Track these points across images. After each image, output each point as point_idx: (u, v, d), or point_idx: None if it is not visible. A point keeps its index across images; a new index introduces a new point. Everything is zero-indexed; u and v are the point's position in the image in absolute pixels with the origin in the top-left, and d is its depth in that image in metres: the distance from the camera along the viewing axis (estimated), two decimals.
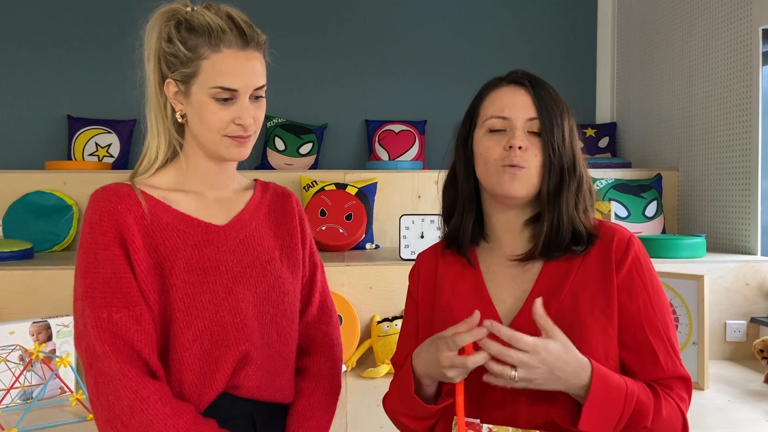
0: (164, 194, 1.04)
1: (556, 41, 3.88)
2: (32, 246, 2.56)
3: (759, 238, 2.48)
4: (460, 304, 1.04)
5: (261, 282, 1.05)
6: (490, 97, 1.05)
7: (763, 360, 2.03)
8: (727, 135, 2.68)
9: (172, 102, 1.02)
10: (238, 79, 0.98)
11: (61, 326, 1.98)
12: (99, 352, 0.92)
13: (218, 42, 0.97)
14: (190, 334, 0.98)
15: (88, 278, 0.95)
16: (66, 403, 1.87)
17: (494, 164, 1.00)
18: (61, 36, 3.64)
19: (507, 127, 1.01)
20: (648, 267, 1.02)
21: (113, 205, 0.98)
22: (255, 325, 1.03)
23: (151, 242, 0.98)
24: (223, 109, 0.99)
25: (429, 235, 2.42)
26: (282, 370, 1.08)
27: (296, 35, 3.77)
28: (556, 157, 1.00)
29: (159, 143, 1.04)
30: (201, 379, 0.98)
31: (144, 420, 0.91)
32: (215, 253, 1.02)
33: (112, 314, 0.93)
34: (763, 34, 2.46)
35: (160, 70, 1.02)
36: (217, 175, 1.08)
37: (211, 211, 1.06)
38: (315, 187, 2.91)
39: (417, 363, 0.97)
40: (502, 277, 1.05)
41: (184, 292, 0.98)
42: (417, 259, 1.16)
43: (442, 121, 3.83)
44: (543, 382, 0.89)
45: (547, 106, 1.01)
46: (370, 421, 1.74)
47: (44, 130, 3.60)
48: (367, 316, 2.31)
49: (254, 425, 1.05)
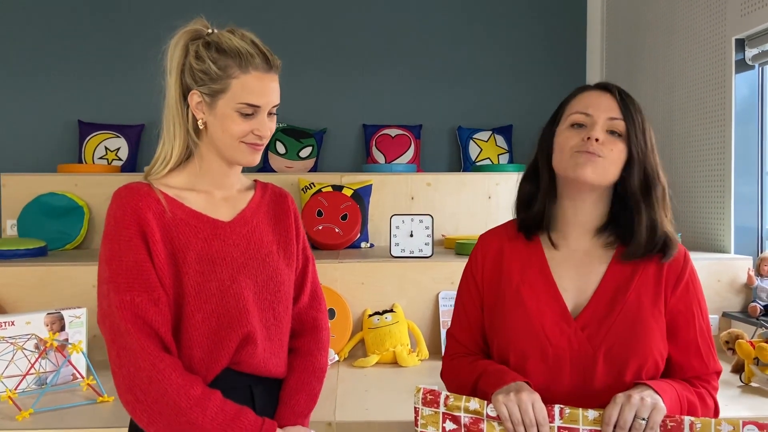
0: (178, 192, 1.18)
1: (548, 50, 4.01)
2: (46, 244, 2.72)
3: (732, 237, 2.61)
4: (530, 291, 1.15)
5: (261, 272, 1.19)
6: (577, 98, 1.15)
7: (729, 351, 2.15)
8: (704, 139, 2.81)
9: (194, 111, 1.16)
10: (263, 97, 1.15)
11: (73, 317, 2.13)
12: (122, 330, 1.06)
13: (247, 65, 1.13)
14: (199, 317, 1.12)
15: (113, 265, 1.09)
16: (78, 388, 2.02)
17: (569, 151, 1.10)
18: (73, 45, 3.80)
19: (588, 123, 1.11)
20: (698, 279, 1.17)
21: (135, 202, 1.12)
22: (255, 310, 1.17)
23: (167, 235, 1.13)
24: (245, 121, 1.14)
25: (418, 234, 2.56)
26: (277, 349, 1.22)
27: (296, 44, 3.93)
28: (641, 156, 1.09)
29: (175, 146, 1.18)
30: (208, 356, 1.13)
31: (160, 389, 1.04)
32: (222, 246, 1.17)
33: (134, 297, 1.07)
34: (737, 43, 2.59)
35: (183, 82, 1.16)
36: (225, 177, 1.22)
37: (219, 209, 1.21)
38: (313, 188, 3.06)
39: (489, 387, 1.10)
40: (567, 268, 1.16)
41: (195, 279, 1.12)
42: (480, 241, 1.27)
43: (437, 125, 3.98)
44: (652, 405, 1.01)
45: (632, 111, 1.11)
46: (356, 403, 1.88)
47: (56, 135, 3.77)
48: (359, 309, 2.45)
49: (252, 396, 1.19)
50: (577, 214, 1.16)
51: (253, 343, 1.16)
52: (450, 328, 1.30)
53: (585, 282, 1.15)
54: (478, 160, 3.84)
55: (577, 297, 1.15)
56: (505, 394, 1.04)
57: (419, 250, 2.56)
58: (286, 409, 1.21)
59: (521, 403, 1.01)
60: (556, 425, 1.02)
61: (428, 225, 2.58)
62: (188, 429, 1.05)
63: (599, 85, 1.15)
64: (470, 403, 1.06)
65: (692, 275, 1.17)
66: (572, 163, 1.09)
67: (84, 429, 1.71)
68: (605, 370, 1.09)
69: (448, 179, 3.24)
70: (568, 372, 1.11)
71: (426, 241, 2.57)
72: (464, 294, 1.27)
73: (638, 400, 1.00)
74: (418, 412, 1.07)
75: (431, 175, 3.26)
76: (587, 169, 1.08)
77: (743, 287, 2.48)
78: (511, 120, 3.91)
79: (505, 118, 3.93)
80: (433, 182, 3.22)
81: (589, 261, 1.17)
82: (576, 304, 1.14)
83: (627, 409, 0.99)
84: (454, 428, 1.05)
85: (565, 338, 1.11)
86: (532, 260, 1.19)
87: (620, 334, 1.10)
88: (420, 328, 2.40)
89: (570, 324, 1.12)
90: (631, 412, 0.99)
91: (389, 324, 2.35)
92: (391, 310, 2.40)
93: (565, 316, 1.13)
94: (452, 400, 1.06)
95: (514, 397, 1.02)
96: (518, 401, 1.01)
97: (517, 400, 1.02)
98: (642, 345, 1.09)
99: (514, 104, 3.91)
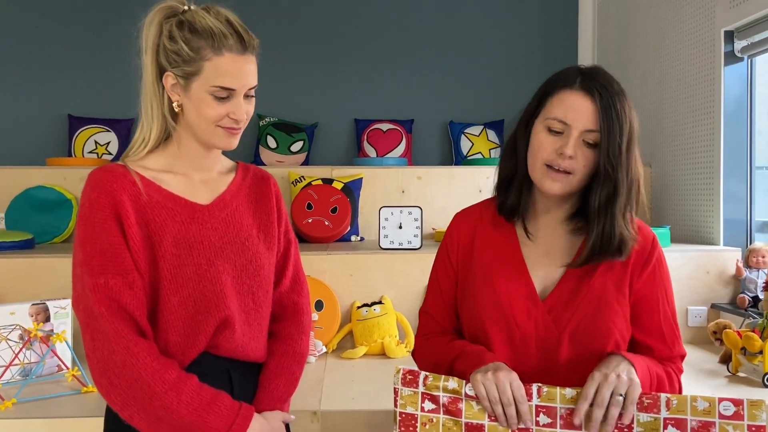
0: (155, 175, 1.16)
1: (539, 46, 4.01)
2: (33, 237, 2.71)
3: (721, 229, 2.61)
4: (499, 272, 1.17)
5: (239, 256, 1.17)
6: (560, 96, 1.10)
7: (716, 341, 2.15)
8: (694, 132, 2.81)
9: (170, 93, 1.13)
10: (237, 80, 1.11)
11: (58, 308, 2.11)
12: (96, 313, 1.05)
13: (221, 46, 1.09)
14: (176, 300, 1.10)
15: (87, 248, 1.08)
16: (63, 379, 2.00)
17: (541, 161, 1.10)
18: (63, 39, 3.79)
19: (564, 131, 1.09)
20: (665, 265, 1.18)
21: (110, 183, 1.10)
22: (233, 294, 1.15)
23: (143, 218, 1.10)
24: (220, 104, 1.11)
25: (407, 226, 2.56)
26: (256, 333, 1.20)
27: (288, 38, 3.92)
28: (609, 170, 1.08)
29: (152, 128, 1.16)
30: (185, 340, 1.11)
31: (134, 373, 1.03)
32: (199, 229, 1.14)
33: (108, 280, 1.05)
34: (725, 35, 2.59)
35: (158, 62, 1.13)
36: (204, 159, 1.20)
37: (197, 192, 1.19)
38: (303, 182, 3.05)
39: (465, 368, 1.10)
40: (536, 251, 1.18)
41: (171, 263, 1.10)
42: (455, 219, 1.27)
43: (429, 120, 3.98)
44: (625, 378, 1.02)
45: (611, 121, 1.06)
46: (342, 393, 1.87)
47: (46, 129, 3.76)
48: (347, 301, 2.44)
49: (230, 381, 1.18)
50: (549, 208, 1.19)
51: (231, 327, 1.14)
52: (423, 306, 1.29)
53: (554, 267, 1.17)
54: (470, 154, 3.83)
55: (544, 280, 1.16)
56: (483, 373, 1.04)
57: (408, 242, 2.56)
58: (265, 393, 1.19)
59: (499, 382, 1.02)
60: (534, 404, 1.02)
61: (417, 217, 2.57)
62: (163, 413, 1.04)
63: (585, 84, 1.09)
64: (449, 382, 1.05)
65: (659, 260, 1.18)
66: (542, 177, 1.11)
67: (67, 418, 1.70)
68: (569, 351, 1.11)
69: (439, 173, 3.23)
70: (534, 352, 1.12)
71: (415, 233, 2.56)
72: (439, 271, 1.27)
73: (614, 378, 1.00)
74: (398, 393, 1.07)
75: (422, 169, 3.26)
76: (556, 186, 1.10)
77: (732, 279, 2.48)
78: (503, 115, 3.91)
79: (497, 112, 3.93)
80: (424, 176, 3.21)
81: (558, 246, 1.18)
82: (544, 286, 1.16)
83: (605, 387, 1.00)
84: (433, 408, 1.05)
85: (532, 321, 1.13)
86: (504, 242, 1.20)
87: (584, 317, 1.11)
88: (409, 320, 2.40)
89: (538, 306, 1.14)
90: (608, 389, 0.99)
91: (378, 316, 2.34)
92: (380, 302, 2.39)
93: (533, 299, 1.14)
94: (431, 380, 1.06)
95: (491, 377, 1.02)
96: (496, 380, 1.02)
97: (495, 379, 1.02)
98: (605, 328, 1.11)
99: (505, 99, 3.90)
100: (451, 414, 1.04)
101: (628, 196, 1.11)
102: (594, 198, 1.10)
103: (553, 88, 1.13)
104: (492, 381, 1.02)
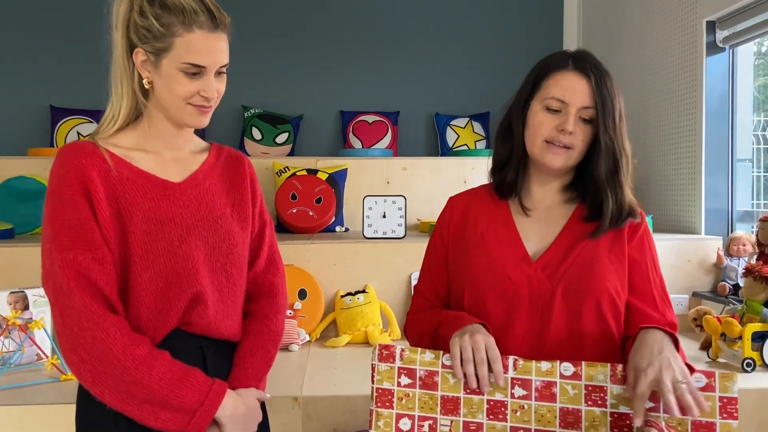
0: (125, 152, 1.15)
1: (524, 39, 4.01)
2: (13, 227, 2.67)
3: (703, 218, 2.63)
4: (493, 239, 1.21)
5: (212, 234, 1.16)
6: (555, 77, 1.17)
7: (697, 328, 2.16)
8: (676, 121, 2.83)
9: (140, 69, 1.12)
10: (208, 57, 1.10)
11: (37, 296, 2.09)
12: (65, 289, 1.04)
13: (191, 23, 1.08)
14: (147, 276, 1.09)
15: (56, 224, 1.07)
16: (42, 368, 1.98)
17: (541, 139, 1.16)
18: (45, 29, 3.75)
19: (562, 109, 1.15)
20: (652, 238, 1.25)
21: (78, 159, 1.09)
22: (206, 271, 1.14)
23: (112, 194, 1.09)
24: (191, 82, 1.10)
25: (390, 215, 2.55)
26: (230, 311, 1.20)
27: (274, 29, 3.90)
28: (609, 143, 1.14)
29: (122, 105, 1.14)
30: (156, 316, 1.10)
31: (105, 348, 1.02)
32: (171, 206, 1.14)
33: (77, 255, 1.04)
34: (707, 26, 2.61)
35: (128, 38, 1.12)
36: (175, 138, 1.19)
37: (169, 170, 1.18)
38: (287, 172, 3.04)
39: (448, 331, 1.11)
40: (530, 221, 1.22)
41: (141, 239, 1.09)
42: (448, 202, 1.32)
43: (415, 112, 3.98)
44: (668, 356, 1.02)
45: (604, 97, 1.14)
46: (324, 379, 1.86)
47: (28, 120, 3.72)
48: (331, 291, 2.43)
49: (204, 359, 1.17)
50: (545, 182, 1.23)
51: (203, 303, 1.14)
52: (416, 284, 1.34)
53: (546, 233, 1.21)
54: (456, 146, 3.84)
55: (537, 245, 1.20)
56: (460, 336, 1.06)
57: (392, 231, 2.56)
58: (240, 371, 1.19)
59: (474, 342, 1.03)
60: (510, 376, 1.02)
61: (401, 206, 2.57)
62: (134, 389, 1.03)
63: (578, 65, 1.16)
64: (425, 355, 1.05)
65: (647, 231, 1.23)
66: (544, 153, 1.16)
67: (45, 405, 1.68)
68: (563, 308, 1.13)
69: (424, 164, 3.23)
70: (526, 310, 1.14)
71: (399, 222, 2.56)
72: (431, 250, 1.31)
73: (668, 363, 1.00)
74: (375, 369, 1.07)
75: (407, 160, 3.25)
76: (558, 160, 1.16)
77: (713, 267, 2.50)
78: (488, 107, 3.92)
79: (483, 105, 3.93)
80: (409, 167, 3.21)
81: (552, 216, 1.23)
82: (537, 250, 1.19)
83: (665, 376, 0.97)
84: (410, 382, 1.05)
85: (524, 276, 1.15)
86: (498, 215, 1.24)
87: (577, 274, 1.15)
88: (392, 309, 2.39)
89: (530, 265, 1.17)
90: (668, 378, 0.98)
91: (361, 304, 2.34)
92: (364, 291, 2.38)
93: (525, 259, 1.18)
94: (408, 353, 1.06)
95: (468, 338, 1.04)
96: (472, 342, 1.03)
97: (471, 341, 1.03)
98: (597, 283, 1.13)
99: (491, 91, 3.90)
100: (427, 388, 1.04)
101: (627, 165, 1.18)
102: (599, 171, 1.16)
103: (547, 71, 1.19)
104: (468, 342, 1.03)
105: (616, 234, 1.19)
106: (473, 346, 1.03)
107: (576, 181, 1.23)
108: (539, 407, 1.01)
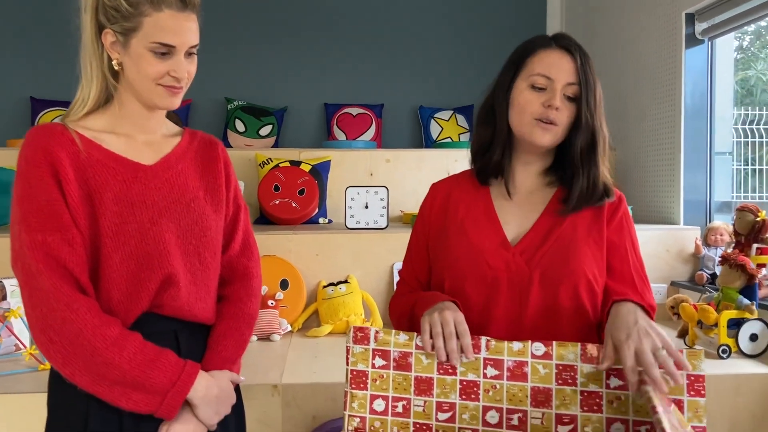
0: (95, 135, 1.14)
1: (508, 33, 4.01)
2: None
3: (681, 208, 2.66)
4: (473, 224, 1.22)
5: (184, 216, 1.16)
6: (539, 55, 1.18)
7: (674, 316, 2.19)
8: (655, 113, 2.85)
9: (109, 51, 1.12)
10: (177, 36, 1.10)
11: (15, 287, 2.07)
12: (34, 271, 1.03)
13: (160, 2, 1.08)
14: (117, 258, 1.09)
15: (24, 205, 1.06)
16: (20, 358, 1.97)
17: (529, 116, 1.16)
18: (24, 19, 3.70)
19: (548, 87, 1.16)
20: (631, 220, 1.25)
21: (46, 141, 1.08)
22: (178, 253, 1.14)
23: (82, 176, 1.09)
24: (160, 62, 1.10)
25: (373, 206, 2.56)
26: (204, 294, 1.19)
27: (257, 21, 3.88)
28: (589, 120, 1.15)
29: (92, 87, 1.14)
30: (127, 297, 1.10)
31: (74, 329, 1.02)
32: (142, 189, 1.13)
33: (46, 237, 1.03)
34: (687, 18, 2.63)
35: (97, 20, 1.12)
36: (147, 120, 1.19)
37: (140, 153, 1.17)
38: (270, 164, 3.03)
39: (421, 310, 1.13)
40: (510, 206, 1.23)
41: (111, 221, 1.09)
42: (430, 189, 1.33)
43: (399, 105, 3.98)
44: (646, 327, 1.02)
45: (587, 74, 1.16)
46: (305, 368, 1.87)
47: (7, 111, 3.68)
48: (313, 281, 2.44)
49: (177, 342, 1.16)
50: (528, 163, 1.24)
51: (175, 285, 1.13)
52: (400, 271, 1.35)
53: (526, 218, 1.22)
54: (440, 139, 3.84)
55: (517, 229, 1.21)
56: (430, 313, 1.07)
57: (374, 222, 2.56)
58: (213, 354, 1.18)
59: (443, 318, 1.04)
60: (482, 356, 1.03)
61: (383, 197, 2.57)
62: (104, 370, 1.02)
63: (561, 44, 1.18)
64: (399, 336, 1.06)
65: (626, 214, 1.24)
66: (531, 130, 1.17)
67: (22, 393, 1.67)
68: (540, 292, 1.14)
69: (408, 156, 3.24)
70: (505, 294, 1.15)
71: (381, 212, 2.56)
72: (413, 237, 1.33)
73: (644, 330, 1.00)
74: (350, 351, 1.07)
75: (390, 152, 3.26)
76: (546, 137, 1.16)
77: (691, 257, 2.54)
78: (472, 100, 3.93)
79: (466, 98, 3.94)
80: (393, 158, 3.21)
81: (532, 200, 1.24)
82: (516, 235, 1.20)
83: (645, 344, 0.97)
84: (383, 364, 1.05)
85: (503, 261, 1.16)
86: (478, 201, 1.25)
87: (554, 258, 1.16)
88: (374, 299, 2.40)
89: (509, 249, 1.18)
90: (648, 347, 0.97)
91: (343, 294, 2.34)
92: (346, 281, 2.39)
93: (504, 244, 1.19)
94: (382, 335, 1.07)
95: (437, 315, 1.05)
96: (441, 317, 1.05)
97: (440, 317, 1.05)
98: (574, 266, 1.14)
99: (474, 84, 3.89)
100: (401, 369, 1.05)
101: (604, 146, 1.19)
102: (576, 148, 1.17)
103: (531, 49, 1.20)
104: (437, 318, 1.04)
105: (595, 217, 1.20)
106: (442, 321, 1.04)
107: (556, 165, 1.24)
108: (511, 387, 1.02)
